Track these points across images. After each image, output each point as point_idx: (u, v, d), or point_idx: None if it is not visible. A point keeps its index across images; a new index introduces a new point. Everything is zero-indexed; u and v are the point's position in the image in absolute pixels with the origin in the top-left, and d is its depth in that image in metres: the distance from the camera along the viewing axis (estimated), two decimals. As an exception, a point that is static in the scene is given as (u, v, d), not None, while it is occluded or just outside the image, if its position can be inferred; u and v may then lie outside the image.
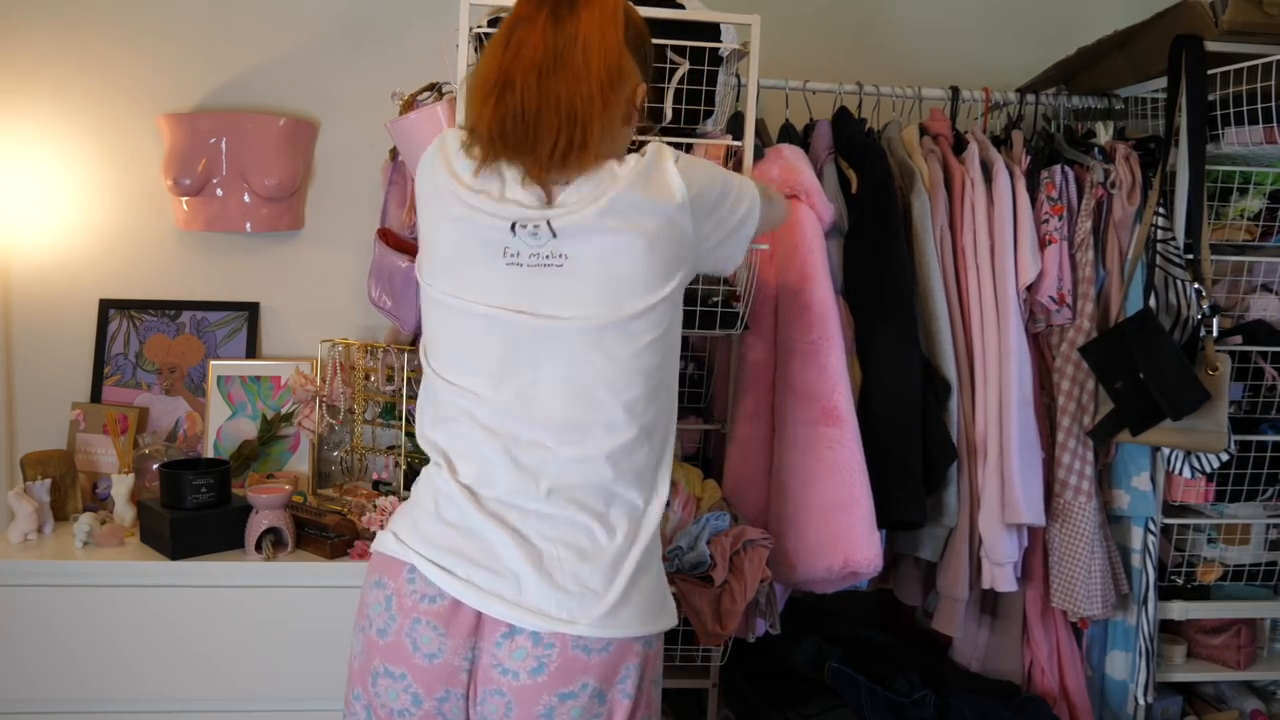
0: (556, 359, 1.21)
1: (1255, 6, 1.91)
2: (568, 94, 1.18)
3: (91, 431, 2.28)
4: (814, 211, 1.89)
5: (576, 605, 1.17)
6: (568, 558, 1.19)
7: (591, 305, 1.20)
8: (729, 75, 1.90)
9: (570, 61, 1.19)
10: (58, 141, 2.28)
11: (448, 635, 1.18)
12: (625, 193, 1.19)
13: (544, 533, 1.20)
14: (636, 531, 1.23)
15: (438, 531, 1.22)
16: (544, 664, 1.16)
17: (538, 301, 1.20)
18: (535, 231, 1.19)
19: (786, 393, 1.86)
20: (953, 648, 2.12)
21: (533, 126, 1.18)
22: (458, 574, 1.18)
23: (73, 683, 1.94)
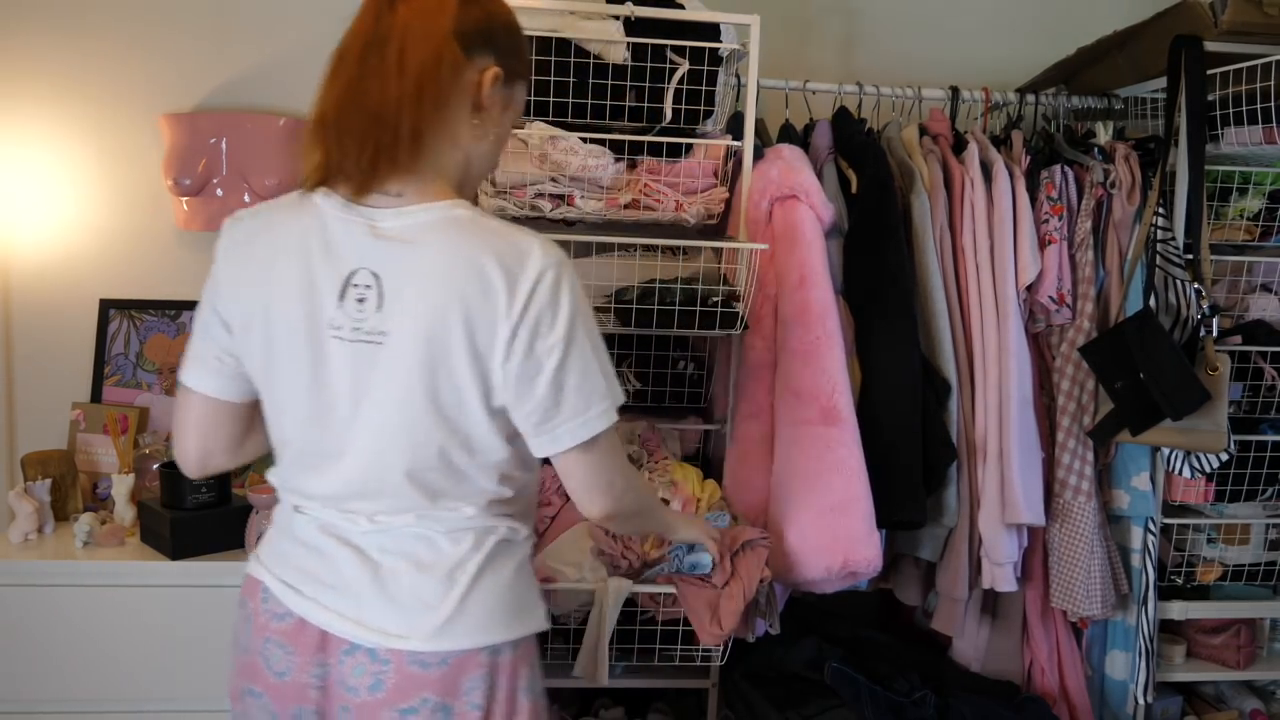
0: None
1: (1255, 6, 1.91)
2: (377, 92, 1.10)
3: (92, 431, 2.28)
4: (814, 211, 1.89)
5: (410, 619, 1.14)
6: (405, 570, 1.16)
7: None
8: (729, 75, 1.90)
9: (384, 55, 1.11)
10: (58, 142, 2.28)
11: (295, 653, 1.17)
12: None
13: (384, 546, 1.17)
14: (483, 537, 1.19)
15: (290, 550, 1.21)
16: (381, 680, 1.14)
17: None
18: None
19: (786, 393, 1.86)
20: (953, 648, 2.12)
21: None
22: (304, 592, 1.17)
23: (73, 683, 1.94)
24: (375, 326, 1.11)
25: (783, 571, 1.81)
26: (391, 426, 1.13)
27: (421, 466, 1.14)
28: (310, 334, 1.14)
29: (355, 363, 1.12)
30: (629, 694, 2.14)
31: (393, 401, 1.12)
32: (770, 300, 1.90)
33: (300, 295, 1.14)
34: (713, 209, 1.88)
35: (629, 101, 1.84)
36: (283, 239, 1.16)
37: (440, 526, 1.17)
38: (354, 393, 1.13)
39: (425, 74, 1.11)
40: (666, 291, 1.81)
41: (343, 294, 1.12)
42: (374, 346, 1.11)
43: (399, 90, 1.10)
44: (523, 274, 1.10)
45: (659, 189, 1.86)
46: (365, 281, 1.12)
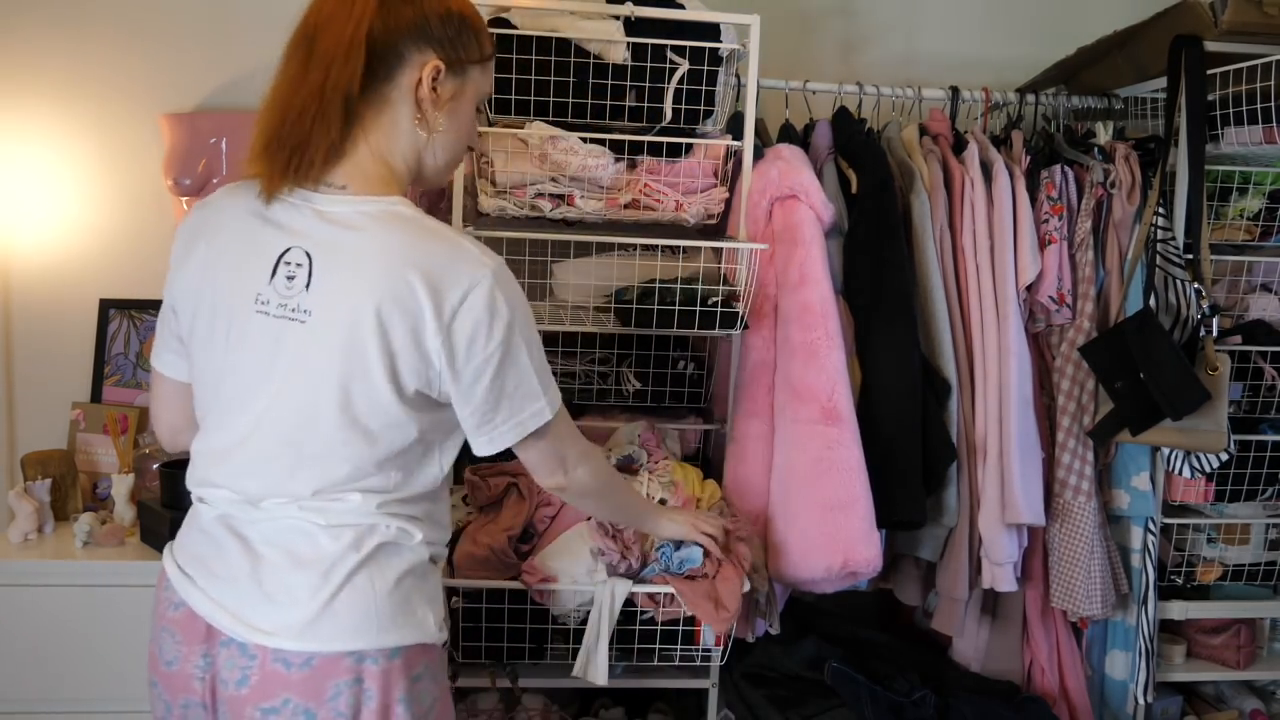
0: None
1: (1255, 6, 1.91)
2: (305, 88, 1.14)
3: (92, 431, 2.28)
4: (814, 211, 1.89)
5: (278, 615, 1.12)
6: (282, 564, 1.14)
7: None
8: (729, 75, 1.90)
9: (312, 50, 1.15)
10: (58, 142, 2.28)
11: (183, 643, 1.16)
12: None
13: (267, 537, 1.16)
14: (364, 536, 1.16)
15: (191, 539, 1.21)
16: (247, 675, 1.12)
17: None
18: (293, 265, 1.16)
19: (786, 393, 1.86)
20: (953, 648, 2.12)
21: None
22: (196, 581, 1.17)
23: (73, 683, 1.94)
24: (300, 305, 1.12)
25: (783, 571, 1.81)
26: (294, 404, 1.13)
27: (316, 450, 1.14)
28: (234, 309, 1.16)
29: (275, 339, 1.13)
30: (629, 694, 2.14)
31: (301, 380, 1.13)
32: (770, 300, 1.90)
33: (231, 270, 1.16)
34: (713, 209, 1.88)
35: (629, 101, 1.84)
36: (225, 219, 1.20)
37: (322, 519, 1.15)
38: (265, 369, 1.14)
39: (330, 82, 1.13)
40: (666, 291, 1.81)
41: (274, 271, 1.14)
42: (296, 324, 1.12)
43: (304, 99, 1.12)
44: (454, 284, 1.11)
45: (659, 189, 1.86)
46: (297, 260, 1.13)
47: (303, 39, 1.17)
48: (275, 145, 1.13)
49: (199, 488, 1.22)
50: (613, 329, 1.90)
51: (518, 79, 1.80)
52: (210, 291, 1.18)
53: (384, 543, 1.17)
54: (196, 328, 1.20)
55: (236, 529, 1.17)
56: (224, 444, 1.19)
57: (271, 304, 1.13)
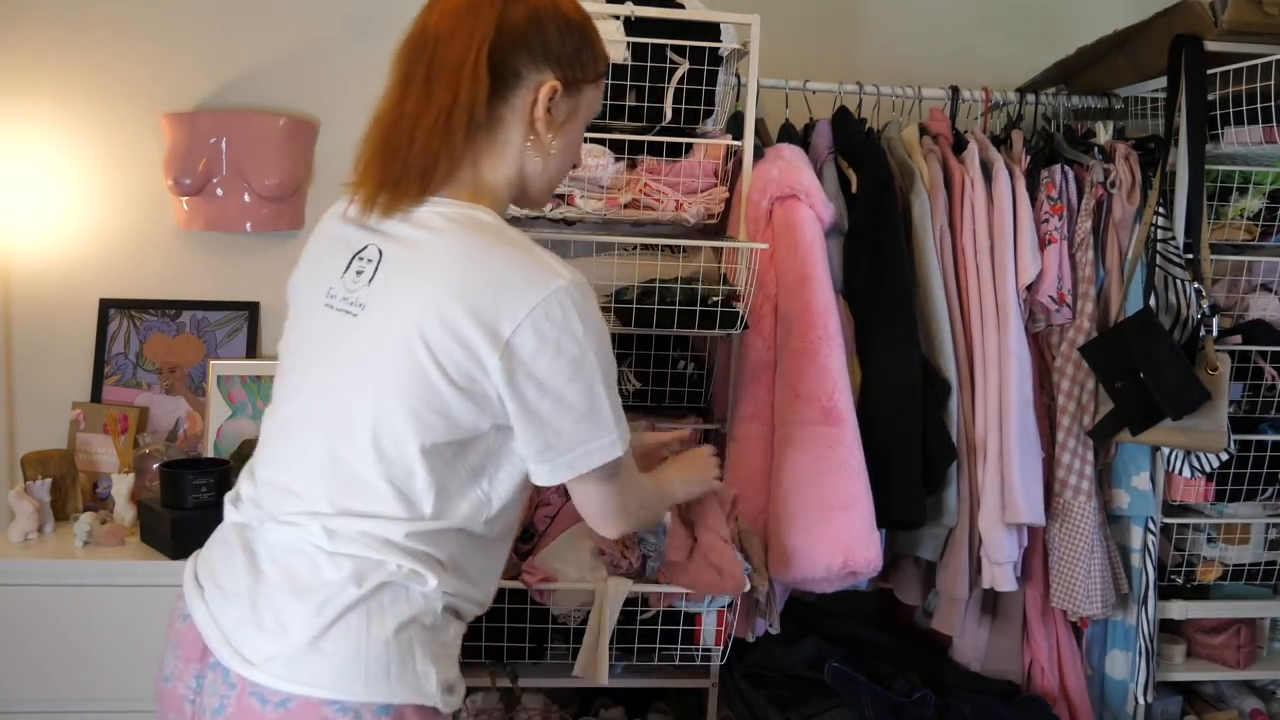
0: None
1: (1255, 6, 1.91)
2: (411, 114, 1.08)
3: (92, 431, 2.28)
4: (814, 211, 1.89)
5: (265, 645, 1.01)
6: (281, 587, 1.04)
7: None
8: (729, 75, 1.90)
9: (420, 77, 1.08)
10: (58, 141, 2.28)
11: (181, 659, 1.08)
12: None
13: (273, 555, 1.07)
14: (366, 570, 1.04)
15: (211, 547, 1.15)
16: (224, 705, 1.02)
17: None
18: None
19: (786, 393, 1.86)
20: (953, 648, 2.12)
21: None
22: (205, 594, 1.09)
23: (73, 682, 1.94)
24: (359, 299, 1.07)
25: (783, 571, 1.81)
26: (331, 402, 1.06)
27: (348, 456, 1.05)
28: (307, 306, 1.15)
29: (331, 332, 1.09)
30: (629, 694, 2.14)
31: (344, 376, 1.06)
32: (770, 300, 1.90)
33: (313, 269, 1.16)
34: (713, 209, 1.88)
35: (629, 101, 1.84)
36: (325, 225, 1.20)
37: (328, 543, 1.04)
38: (315, 362, 1.10)
39: (458, 105, 1.06)
40: (666, 291, 1.81)
41: (348, 265, 1.10)
42: (348, 317, 1.07)
43: (431, 122, 1.06)
44: (522, 294, 1.01)
45: (659, 189, 1.86)
46: (370, 255, 1.09)
47: (419, 51, 1.08)
48: (389, 164, 1.08)
49: (236, 488, 1.18)
50: (613, 329, 1.90)
51: (518, 79, 1.79)
52: (296, 294, 1.19)
53: (387, 582, 1.04)
54: (294, 320, 1.20)
55: (248, 541, 1.10)
56: (265, 443, 1.15)
57: (337, 297, 1.09)
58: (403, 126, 1.07)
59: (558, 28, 1.11)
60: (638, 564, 1.75)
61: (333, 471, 1.06)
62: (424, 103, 1.06)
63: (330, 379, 1.08)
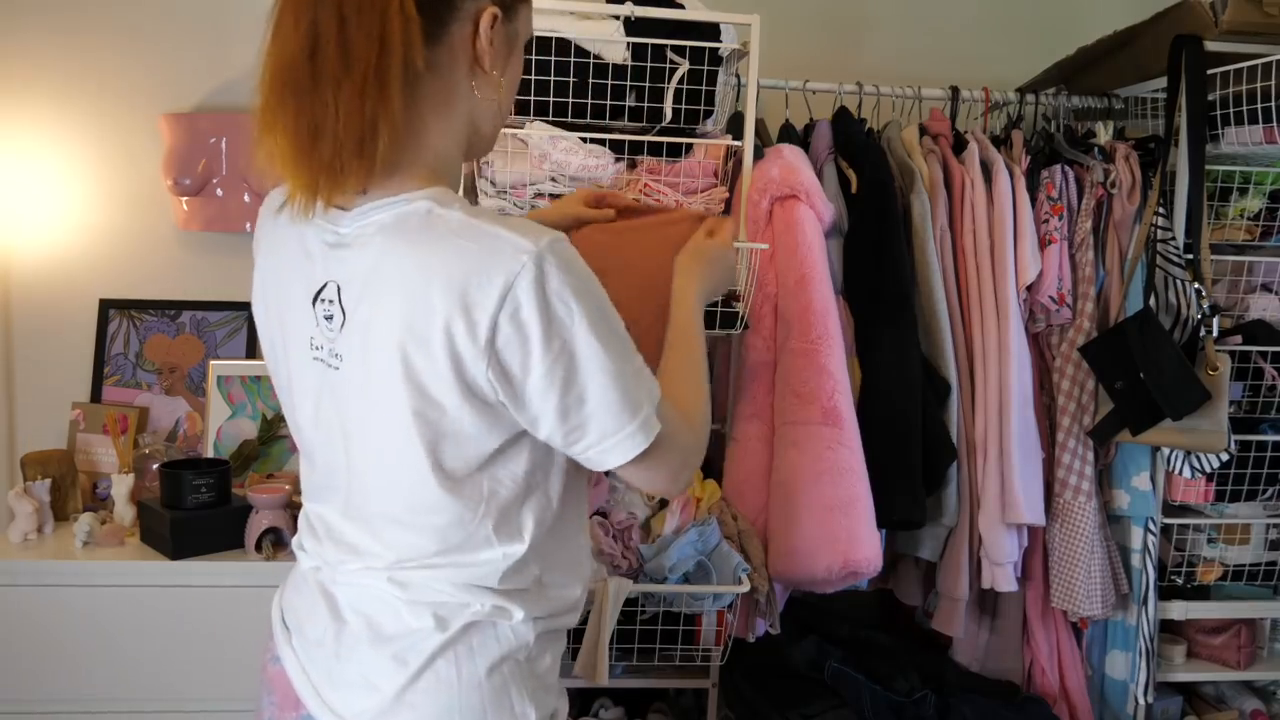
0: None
1: (1255, 6, 1.91)
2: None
3: (91, 431, 2.28)
4: (814, 211, 1.89)
5: (353, 700, 0.96)
6: (363, 637, 0.97)
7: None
8: (729, 75, 1.90)
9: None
10: (58, 141, 2.28)
11: (278, 705, 1.02)
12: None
13: (354, 603, 0.99)
14: (449, 615, 0.96)
15: (293, 586, 1.08)
16: None
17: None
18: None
19: (786, 393, 1.86)
20: (953, 648, 2.12)
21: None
22: (292, 640, 1.03)
23: (73, 683, 1.94)
24: (335, 348, 0.94)
25: (783, 571, 1.81)
26: (377, 464, 0.96)
27: (405, 512, 0.96)
28: (294, 352, 1.00)
29: (323, 387, 0.97)
30: (629, 694, 2.14)
31: (370, 436, 0.95)
32: (770, 300, 1.90)
33: (286, 305, 1.00)
34: (713, 209, 1.88)
35: (629, 101, 1.84)
36: (277, 238, 1.01)
37: (404, 594, 0.96)
38: (325, 423, 0.99)
39: (370, 62, 0.85)
40: (666, 291, 1.81)
41: (314, 307, 0.95)
42: (332, 371, 0.95)
43: (336, 86, 0.85)
44: (488, 288, 0.85)
45: (659, 189, 1.86)
46: (330, 296, 0.94)
47: (302, 6, 0.86)
48: (315, 143, 0.87)
49: (300, 530, 1.09)
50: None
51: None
52: (276, 323, 1.02)
53: (473, 623, 0.96)
54: (272, 354, 1.06)
55: (325, 586, 1.02)
56: (310, 496, 1.07)
57: (323, 350, 0.95)
58: (322, 92, 0.85)
59: None
60: (638, 564, 1.75)
61: (385, 527, 0.97)
62: (342, 58, 0.84)
63: (343, 438, 0.97)
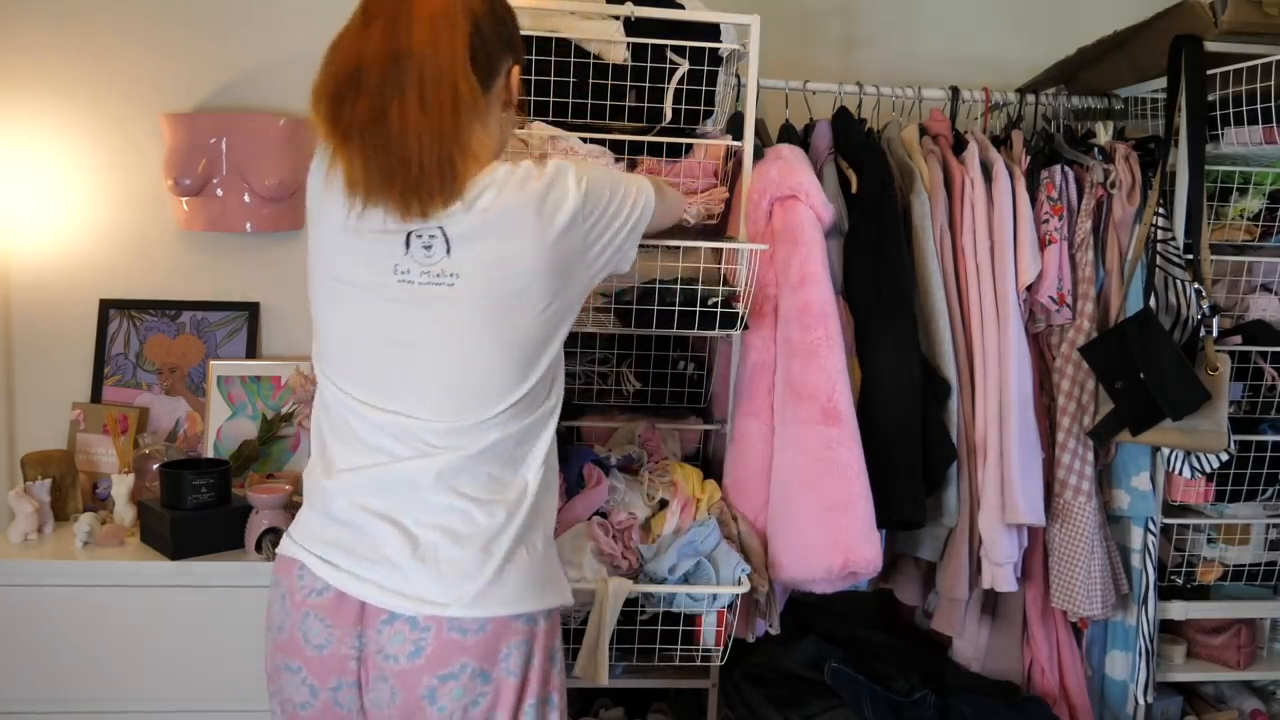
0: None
1: (1255, 6, 1.91)
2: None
3: (91, 431, 2.28)
4: (814, 211, 1.89)
5: (450, 588, 1.20)
6: (442, 542, 1.21)
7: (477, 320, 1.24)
8: (729, 75, 1.90)
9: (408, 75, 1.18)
10: (58, 141, 2.28)
11: (334, 626, 1.21)
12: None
13: (419, 519, 1.22)
14: (515, 510, 1.25)
15: (324, 526, 1.25)
16: (421, 647, 1.18)
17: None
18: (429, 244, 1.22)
19: (786, 393, 1.86)
20: (953, 648, 2.12)
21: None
22: (340, 566, 1.22)
23: (73, 683, 1.94)
24: (445, 269, 1.19)
25: (783, 571, 1.81)
26: (451, 361, 1.21)
27: (477, 406, 1.22)
28: (371, 280, 1.21)
29: (424, 304, 1.20)
30: (629, 694, 2.14)
31: (460, 341, 1.20)
32: (770, 300, 1.90)
33: (358, 242, 1.22)
34: (713, 209, 1.88)
35: (629, 101, 1.84)
36: (334, 237, 1.24)
37: (474, 497, 1.23)
38: (418, 335, 1.21)
39: (446, 113, 1.17)
40: (666, 291, 1.81)
41: (408, 243, 1.20)
42: (443, 288, 1.19)
43: (420, 131, 1.16)
44: (561, 191, 1.23)
45: (659, 189, 1.86)
46: (430, 232, 1.20)
47: (401, 64, 1.17)
48: (404, 169, 1.16)
49: (320, 481, 1.27)
50: (613, 329, 1.90)
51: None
52: (339, 260, 1.23)
53: (530, 510, 1.26)
54: (332, 300, 1.25)
55: (384, 513, 1.22)
56: (370, 426, 1.24)
57: (414, 273, 1.20)
58: (408, 135, 1.16)
59: (508, 16, 1.29)
60: (638, 564, 1.75)
61: (473, 425, 1.23)
62: (422, 114, 1.16)
63: (446, 344, 1.21)
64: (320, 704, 1.22)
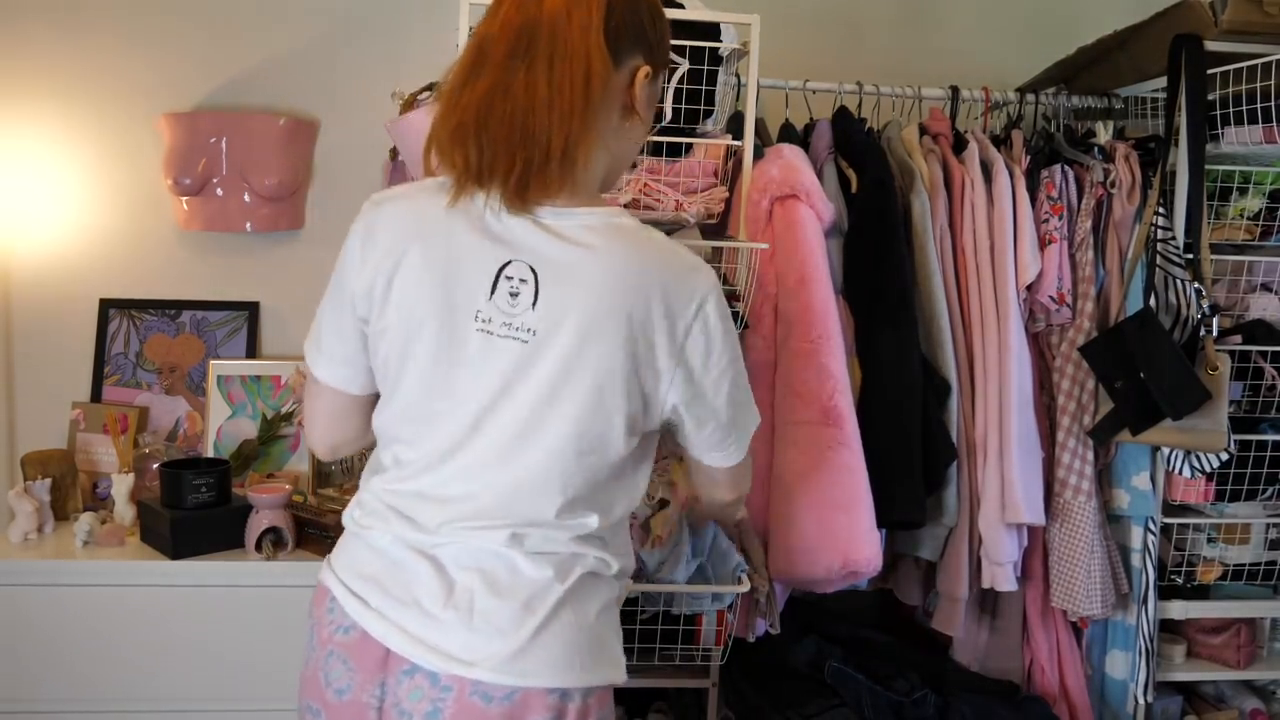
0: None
1: (1255, 6, 1.91)
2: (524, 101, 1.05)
3: (92, 431, 2.28)
4: (814, 211, 1.89)
5: (480, 645, 1.06)
6: (480, 590, 1.08)
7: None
8: (729, 75, 1.90)
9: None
10: (58, 141, 2.28)
11: (356, 670, 1.10)
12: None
13: (460, 561, 1.10)
14: (568, 566, 1.11)
15: (362, 558, 1.15)
16: (439, 709, 1.05)
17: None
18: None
19: (786, 393, 1.86)
20: (953, 648, 2.12)
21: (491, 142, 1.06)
22: (370, 603, 1.10)
23: (73, 683, 1.94)
24: (526, 324, 1.06)
25: (783, 571, 1.81)
26: (514, 430, 1.08)
27: (533, 477, 1.09)
28: (449, 325, 1.08)
29: (497, 359, 1.07)
30: (629, 694, 2.14)
31: (524, 404, 1.07)
32: (770, 300, 1.90)
33: (446, 283, 1.08)
34: (713, 209, 1.88)
35: (629, 101, 1.84)
36: (429, 224, 1.10)
37: (523, 548, 1.09)
38: (487, 391, 1.08)
39: (577, 89, 1.04)
40: (666, 291, 1.81)
41: (494, 286, 1.07)
42: (518, 344, 1.07)
43: (549, 107, 1.04)
44: (687, 300, 1.09)
45: (659, 189, 1.86)
46: (520, 275, 1.07)
47: (533, 33, 1.05)
48: (524, 146, 1.04)
49: (365, 503, 1.17)
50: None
51: (518, 79, 1.79)
52: (423, 304, 1.09)
53: (586, 573, 1.12)
54: (397, 339, 1.11)
55: (424, 550, 1.11)
56: (428, 467, 1.12)
57: (495, 322, 1.07)
58: (538, 109, 1.04)
59: (650, 12, 1.15)
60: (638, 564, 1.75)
61: (524, 495, 1.10)
62: (550, 83, 1.04)
63: (514, 410, 1.08)
64: None
